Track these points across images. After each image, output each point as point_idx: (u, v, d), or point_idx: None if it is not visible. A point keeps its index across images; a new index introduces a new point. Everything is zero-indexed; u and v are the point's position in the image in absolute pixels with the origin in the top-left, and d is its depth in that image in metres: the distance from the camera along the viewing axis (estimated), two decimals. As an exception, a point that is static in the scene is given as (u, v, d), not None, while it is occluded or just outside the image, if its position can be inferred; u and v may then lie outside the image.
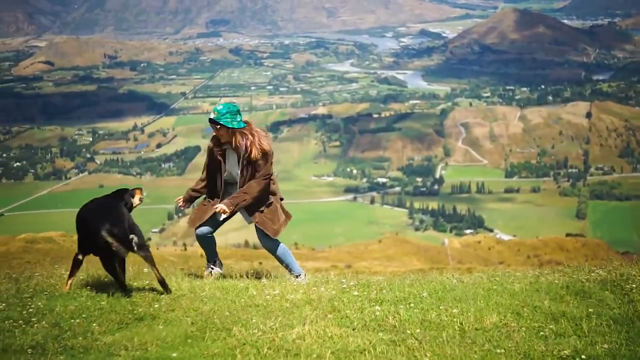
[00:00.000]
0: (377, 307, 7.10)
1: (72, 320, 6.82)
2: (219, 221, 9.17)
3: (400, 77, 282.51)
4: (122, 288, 7.81)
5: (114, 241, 7.54)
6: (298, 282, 8.69)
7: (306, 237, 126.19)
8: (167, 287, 7.88)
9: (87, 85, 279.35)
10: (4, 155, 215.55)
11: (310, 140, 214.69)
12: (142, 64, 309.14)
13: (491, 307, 6.98)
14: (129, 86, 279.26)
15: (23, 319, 6.92)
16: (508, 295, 7.50)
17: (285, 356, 5.88)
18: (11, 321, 6.86)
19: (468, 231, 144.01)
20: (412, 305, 7.15)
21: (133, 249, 7.70)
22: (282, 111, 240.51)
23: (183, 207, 9.57)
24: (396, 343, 6.09)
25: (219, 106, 8.66)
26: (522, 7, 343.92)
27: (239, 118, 8.59)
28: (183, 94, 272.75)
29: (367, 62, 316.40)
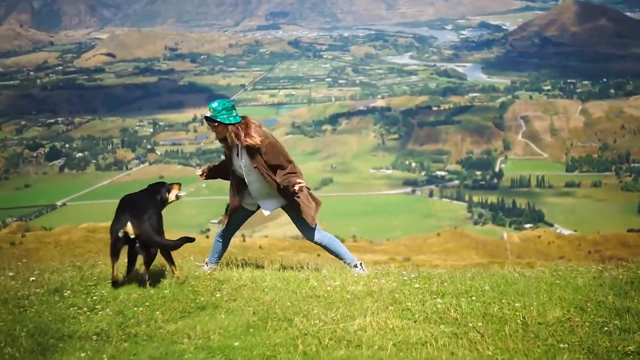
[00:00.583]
0: (439, 300, 7.06)
1: (136, 308, 6.89)
2: (240, 221, 9.06)
3: (459, 70, 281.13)
4: (113, 280, 7.78)
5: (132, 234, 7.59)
6: (358, 273, 8.63)
7: (364, 230, 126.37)
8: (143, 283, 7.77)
9: (148, 77, 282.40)
10: (67, 146, 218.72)
11: (368, 132, 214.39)
12: (202, 56, 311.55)
13: (554, 302, 6.89)
14: (189, 78, 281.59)
15: (87, 306, 7.01)
16: (571, 289, 7.40)
17: (346, 347, 5.87)
18: (76, 308, 6.95)
19: (527, 225, 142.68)
20: (474, 298, 7.09)
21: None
22: (341, 103, 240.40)
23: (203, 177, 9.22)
24: (458, 336, 6.06)
25: (214, 103, 8.43)
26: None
27: (235, 113, 8.40)
28: (242, 86, 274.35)
29: (427, 55, 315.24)
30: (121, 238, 7.67)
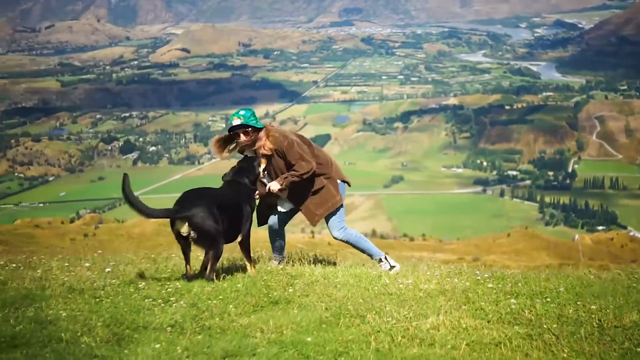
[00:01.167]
0: (513, 300, 6.99)
1: (210, 301, 6.94)
2: (283, 216, 9.03)
3: (533, 69, 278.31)
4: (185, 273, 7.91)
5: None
6: (386, 270, 8.61)
7: (434, 229, 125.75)
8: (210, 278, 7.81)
9: (222, 72, 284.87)
10: (141, 139, 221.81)
11: (440, 131, 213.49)
12: (276, 52, 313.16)
13: (631, 305, 6.77)
14: (262, 74, 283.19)
15: (162, 298, 7.09)
16: (648, 293, 7.31)
17: (419, 345, 5.85)
18: (151, 300, 7.03)
19: (600, 227, 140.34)
20: (549, 299, 7.01)
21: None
22: (413, 101, 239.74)
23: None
24: (532, 337, 5.99)
25: (242, 111, 8.45)
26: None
27: (257, 119, 8.46)
28: (314, 82, 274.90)
29: (500, 53, 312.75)
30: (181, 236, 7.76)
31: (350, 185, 9.05)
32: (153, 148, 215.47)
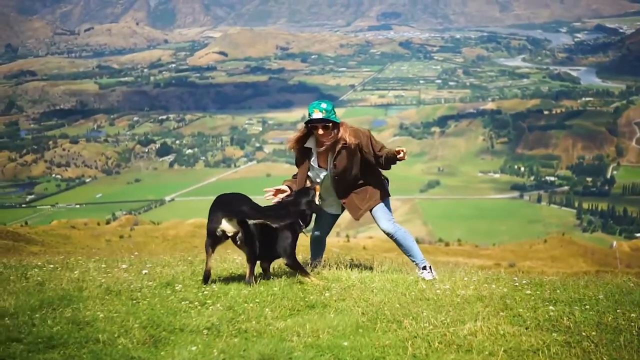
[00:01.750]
0: (551, 307, 6.92)
1: (246, 304, 6.96)
2: (330, 222, 8.98)
3: (573, 74, 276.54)
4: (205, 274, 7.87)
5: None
6: (423, 277, 8.49)
7: (470, 234, 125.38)
8: (250, 282, 7.78)
9: (259, 75, 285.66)
10: (177, 142, 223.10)
11: (477, 135, 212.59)
12: (313, 56, 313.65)
13: (671, 313, 6.72)
14: (299, 77, 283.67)
15: (199, 301, 7.12)
16: (689, 301, 7.21)
17: (456, 351, 5.81)
18: (187, 302, 7.06)
19: (639, 234, 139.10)
20: (588, 307, 6.94)
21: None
22: (450, 105, 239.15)
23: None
24: (571, 345, 5.92)
25: (323, 104, 8.20)
26: None
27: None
28: (352, 86, 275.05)
29: (540, 58, 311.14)
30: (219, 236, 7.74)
31: (388, 182, 8.96)
32: (189, 151, 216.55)
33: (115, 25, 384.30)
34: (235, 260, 9.30)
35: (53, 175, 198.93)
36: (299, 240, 8.17)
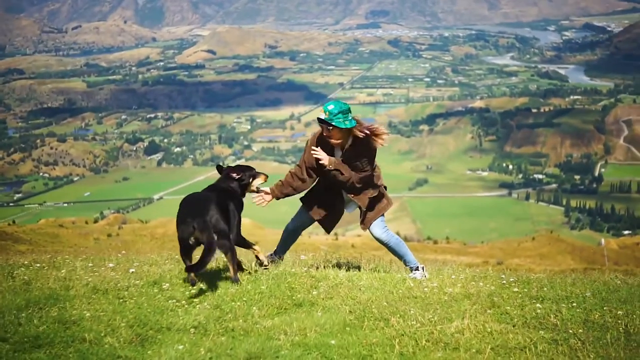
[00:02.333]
0: (538, 305, 6.95)
1: (233, 303, 6.95)
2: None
3: (561, 72, 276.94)
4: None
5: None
6: (414, 277, 8.43)
7: (458, 232, 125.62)
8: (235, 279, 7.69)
9: (247, 74, 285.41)
10: (165, 140, 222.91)
11: (466, 133, 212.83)
12: (302, 54, 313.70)
13: (658, 311, 6.75)
14: (288, 76, 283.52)
15: (186, 299, 7.11)
16: (677, 299, 7.24)
17: (444, 349, 5.83)
18: (174, 301, 7.05)
19: (626, 232, 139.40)
20: (575, 304, 6.96)
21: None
22: (439, 104, 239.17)
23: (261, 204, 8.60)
24: (558, 342, 5.95)
25: (330, 105, 8.02)
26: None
27: (350, 117, 7.99)
28: (340, 85, 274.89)
29: (528, 56, 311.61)
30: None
31: (386, 189, 8.92)
32: (178, 149, 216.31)
33: (103, 23, 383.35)
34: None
35: (41, 173, 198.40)
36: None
